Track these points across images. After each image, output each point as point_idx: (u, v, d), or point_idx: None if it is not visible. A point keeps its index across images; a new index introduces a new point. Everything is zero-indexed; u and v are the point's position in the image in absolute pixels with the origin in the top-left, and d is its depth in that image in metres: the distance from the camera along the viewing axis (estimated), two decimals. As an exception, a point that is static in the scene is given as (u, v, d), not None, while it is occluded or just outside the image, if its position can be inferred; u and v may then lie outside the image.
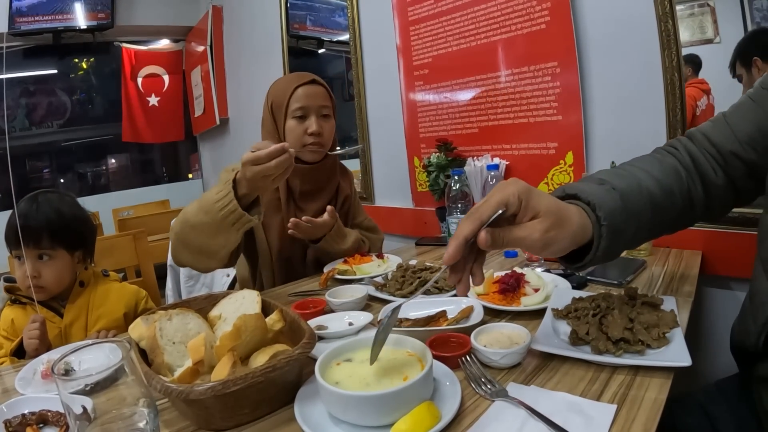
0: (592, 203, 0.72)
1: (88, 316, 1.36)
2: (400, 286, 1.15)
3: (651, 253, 1.35)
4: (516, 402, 0.64)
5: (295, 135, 1.45)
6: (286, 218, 1.45)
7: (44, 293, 1.30)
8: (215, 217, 1.11)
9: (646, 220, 0.78)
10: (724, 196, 0.86)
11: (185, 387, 0.62)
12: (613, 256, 0.77)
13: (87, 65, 4.48)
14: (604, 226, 0.71)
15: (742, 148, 0.83)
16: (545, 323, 0.86)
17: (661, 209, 0.79)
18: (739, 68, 1.33)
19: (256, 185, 1.10)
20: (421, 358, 0.68)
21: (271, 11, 3.07)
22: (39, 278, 1.28)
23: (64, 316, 1.33)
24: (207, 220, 1.13)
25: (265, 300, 0.88)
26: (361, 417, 0.60)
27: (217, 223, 1.12)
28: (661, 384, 0.67)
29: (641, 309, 0.81)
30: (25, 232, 1.23)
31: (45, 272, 1.29)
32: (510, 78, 1.77)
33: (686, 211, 0.84)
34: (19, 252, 1.26)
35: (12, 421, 0.73)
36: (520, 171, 1.78)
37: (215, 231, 1.14)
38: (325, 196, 1.55)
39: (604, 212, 0.72)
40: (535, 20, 1.65)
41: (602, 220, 0.71)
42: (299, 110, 1.43)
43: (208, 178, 4.64)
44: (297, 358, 0.67)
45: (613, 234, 0.72)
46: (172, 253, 1.27)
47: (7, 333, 1.29)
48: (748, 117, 0.84)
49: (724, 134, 0.85)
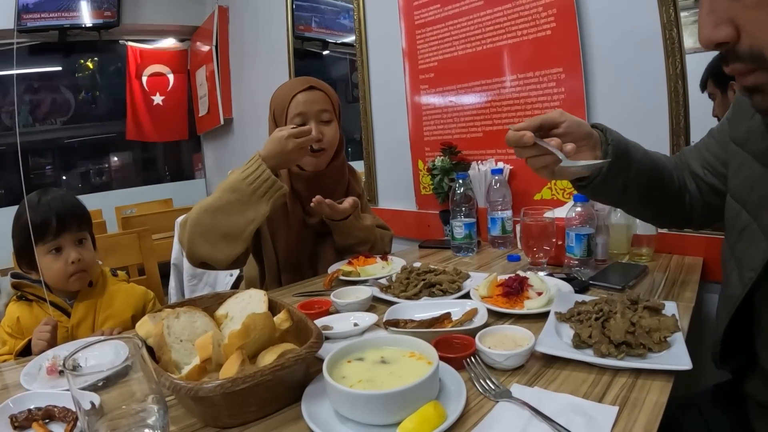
0: (603, 129, 0.91)
1: (96, 317, 1.36)
2: (405, 287, 1.15)
3: (653, 259, 1.36)
4: (519, 403, 0.65)
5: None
6: (293, 225, 1.46)
7: (86, 278, 1.34)
8: (245, 191, 1.23)
9: (646, 172, 0.94)
10: (700, 207, 1.00)
11: (194, 384, 0.63)
12: (616, 185, 0.92)
13: (93, 64, 4.49)
14: (611, 146, 0.88)
15: (703, 172, 0.98)
16: (548, 326, 0.87)
17: (660, 178, 0.97)
18: (712, 87, 1.35)
19: (289, 158, 1.29)
20: (428, 358, 0.69)
21: (276, 12, 3.08)
22: (82, 260, 1.32)
23: (72, 316, 1.33)
24: (235, 198, 1.23)
25: (272, 299, 0.89)
26: (368, 415, 0.61)
27: (248, 197, 1.23)
28: (661, 387, 0.68)
29: (643, 313, 0.82)
30: (59, 219, 1.29)
31: (85, 255, 1.33)
32: (515, 83, 1.78)
33: (679, 202, 1.00)
34: (56, 243, 1.30)
35: (18, 416, 0.74)
36: (523, 175, 1.78)
37: (244, 206, 1.23)
38: (334, 199, 1.54)
39: (611, 137, 0.89)
40: (540, 26, 1.67)
41: (609, 141, 0.89)
42: (298, 117, 1.44)
43: (212, 177, 4.64)
44: (305, 357, 0.68)
45: (617, 157, 0.88)
46: (186, 250, 1.27)
47: (12, 330, 1.29)
48: (710, 144, 0.97)
49: (694, 157, 1.01)
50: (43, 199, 1.33)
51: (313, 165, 1.49)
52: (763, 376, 0.78)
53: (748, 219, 0.78)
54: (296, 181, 1.50)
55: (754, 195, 0.78)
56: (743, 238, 0.79)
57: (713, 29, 0.57)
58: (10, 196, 3.95)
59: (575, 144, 0.84)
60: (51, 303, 1.31)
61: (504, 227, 1.61)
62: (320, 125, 1.46)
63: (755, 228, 0.76)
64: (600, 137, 0.89)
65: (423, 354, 0.71)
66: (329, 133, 1.48)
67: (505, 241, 1.62)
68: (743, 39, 0.56)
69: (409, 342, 0.74)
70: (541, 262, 1.32)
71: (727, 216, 0.86)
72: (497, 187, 1.62)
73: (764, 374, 0.77)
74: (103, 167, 4.86)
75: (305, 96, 1.45)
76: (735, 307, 0.77)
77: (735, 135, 0.85)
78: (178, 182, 4.91)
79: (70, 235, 1.31)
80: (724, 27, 0.56)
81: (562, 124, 0.85)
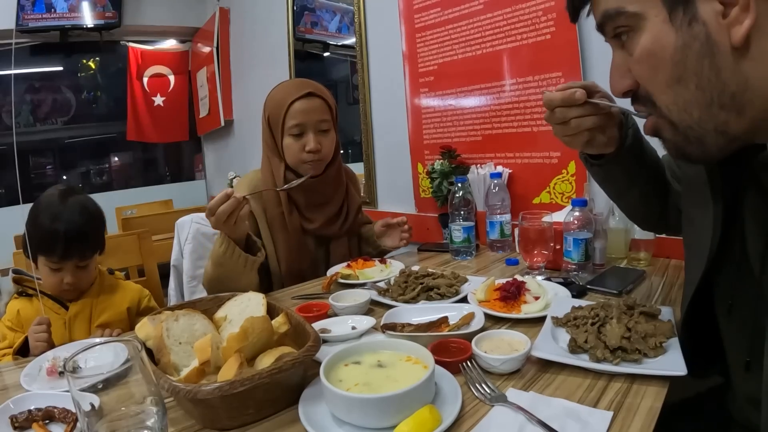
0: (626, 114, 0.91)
1: (93, 309, 1.39)
2: (403, 291, 1.16)
3: (651, 264, 1.36)
4: (515, 407, 0.66)
5: (292, 152, 1.43)
6: (291, 232, 1.46)
7: (78, 291, 1.37)
8: (230, 265, 1.22)
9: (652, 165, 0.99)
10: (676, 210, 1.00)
11: (193, 386, 0.64)
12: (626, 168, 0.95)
13: (95, 64, 4.50)
14: (631, 129, 0.92)
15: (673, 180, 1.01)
16: (545, 331, 0.87)
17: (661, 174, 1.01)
18: None
19: (229, 230, 1.21)
20: (424, 362, 0.70)
21: (277, 14, 3.10)
22: (77, 283, 1.34)
23: (70, 309, 1.36)
24: (224, 271, 1.23)
25: (270, 303, 0.90)
26: (364, 419, 0.62)
27: (234, 270, 1.23)
28: (656, 392, 0.69)
29: (639, 319, 0.83)
30: (66, 246, 1.27)
31: (82, 277, 1.35)
32: (514, 87, 1.79)
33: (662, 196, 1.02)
34: (57, 265, 1.29)
35: (18, 417, 0.74)
36: (522, 179, 1.79)
37: (238, 276, 1.24)
38: (332, 206, 1.54)
39: (632, 122, 0.92)
40: (540, 30, 1.67)
41: (630, 125, 0.92)
42: (296, 127, 1.41)
43: (212, 179, 4.65)
44: (302, 360, 0.69)
45: (635, 141, 0.92)
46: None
47: (12, 324, 1.32)
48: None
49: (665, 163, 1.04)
50: (61, 208, 1.30)
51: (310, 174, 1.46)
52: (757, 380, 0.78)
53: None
54: (292, 190, 1.46)
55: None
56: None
57: (619, 80, 0.68)
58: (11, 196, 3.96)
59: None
60: (49, 296, 1.34)
61: (503, 231, 1.61)
62: (318, 135, 1.43)
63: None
64: (622, 120, 0.92)
65: (419, 358, 0.71)
66: (327, 144, 1.46)
67: (504, 245, 1.62)
68: (640, 87, 0.66)
69: (406, 346, 0.74)
70: (539, 266, 1.33)
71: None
72: (496, 191, 1.63)
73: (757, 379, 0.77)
74: (103, 167, 4.87)
75: (303, 104, 1.41)
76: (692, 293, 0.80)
77: None
78: (179, 183, 4.92)
79: (72, 262, 1.31)
80: (626, 78, 0.67)
81: (597, 93, 0.86)
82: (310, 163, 1.44)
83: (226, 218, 1.15)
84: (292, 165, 1.47)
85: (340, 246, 1.58)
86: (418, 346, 0.73)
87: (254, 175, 1.54)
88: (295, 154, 1.43)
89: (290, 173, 1.47)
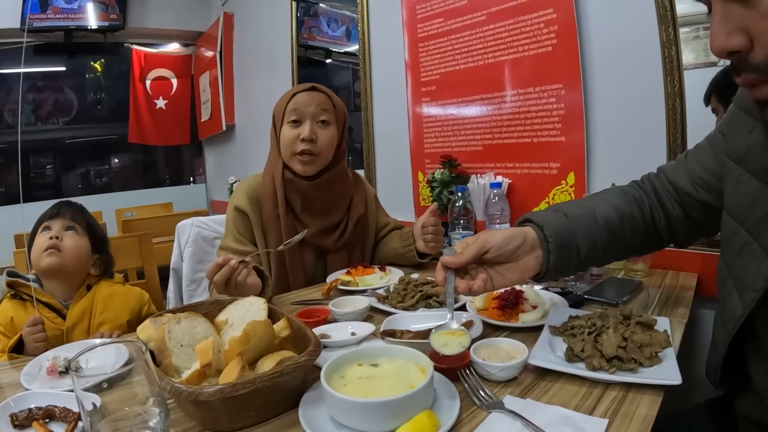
0: (540, 225, 0.87)
1: (91, 320, 1.36)
2: (402, 298, 1.17)
3: (648, 275, 1.37)
4: (512, 414, 0.67)
5: (286, 141, 1.40)
6: (285, 236, 1.39)
7: (58, 258, 1.34)
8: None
9: (600, 240, 0.90)
10: (685, 227, 0.96)
11: (195, 388, 0.64)
12: (569, 269, 0.91)
13: (101, 66, 4.52)
14: (551, 242, 0.86)
15: (695, 189, 0.92)
16: (542, 339, 0.88)
17: (619, 233, 0.92)
18: (715, 102, 1.34)
19: (228, 294, 1.13)
20: (423, 368, 0.71)
21: (280, 20, 3.12)
22: (60, 242, 1.36)
23: (67, 318, 1.33)
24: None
25: (271, 308, 0.90)
26: (363, 423, 0.62)
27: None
28: (651, 401, 0.70)
29: (635, 329, 0.84)
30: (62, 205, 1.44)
31: (67, 240, 1.38)
32: (515, 98, 1.80)
33: (651, 236, 0.97)
34: (48, 224, 1.40)
35: (18, 415, 0.74)
36: (522, 189, 1.80)
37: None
38: (331, 217, 1.49)
39: (550, 231, 0.86)
40: (542, 42, 1.69)
41: (548, 237, 0.86)
42: (293, 114, 1.39)
43: (212, 183, 4.66)
44: (303, 364, 0.70)
45: (560, 249, 0.86)
46: None
47: (5, 329, 1.29)
48: (704, 160, 0.91)
49: (680, 175, 0.95)
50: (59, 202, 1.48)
51: (301, 170, 1.43)
52: (756, 396, 0.78)
53: (747, 237, 0.76)
54: (290, 191, 1.44)
55: (753, 213, 0.75)
56: (742, 257, 0.76)
57: (726, 38, 0.55)
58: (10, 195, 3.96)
59: (508, 261, 0.86)
60: (46, 304, 1.32)
61: (502, 240, 1.61)
62: (315, 125, 1.39)
63: (755, 247, 0.73)
64: (538, 234, 0.87)
65: (418, 364, 0.72)
66: (324, 137, 1.41)
67: (503, 254, 1.62)
68: (757, 49, 0.54)
69: (405, 352, 0.75)
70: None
71: (723, 234, 0.83)
72: (496, 201, 1.64)
73: (757, 394, 0.78)
74: (103, 168, 4.88)
75: (305, 96, 1.41)
76: (736, 329, 0.76)
77: (732, 150, 0.81)
78: (179, 186, 4.93)
79: (61, 220, 1.40)
80: (737, 36, 0.54)
81: (490, 250, 0.84)
82: (303, 156, 1.39)
83: (223, 287, 1.12)
84: (285, 158, 1.42)
85: (339, 261, 1.52)
86: (417, 352, 0.74)
87: (254, 179, 1.50)
88: (290, 144, 1.40)
89: (288, 172, 1.44)
